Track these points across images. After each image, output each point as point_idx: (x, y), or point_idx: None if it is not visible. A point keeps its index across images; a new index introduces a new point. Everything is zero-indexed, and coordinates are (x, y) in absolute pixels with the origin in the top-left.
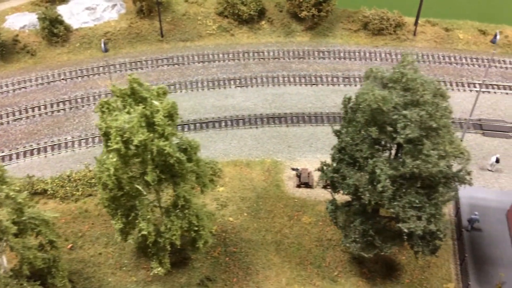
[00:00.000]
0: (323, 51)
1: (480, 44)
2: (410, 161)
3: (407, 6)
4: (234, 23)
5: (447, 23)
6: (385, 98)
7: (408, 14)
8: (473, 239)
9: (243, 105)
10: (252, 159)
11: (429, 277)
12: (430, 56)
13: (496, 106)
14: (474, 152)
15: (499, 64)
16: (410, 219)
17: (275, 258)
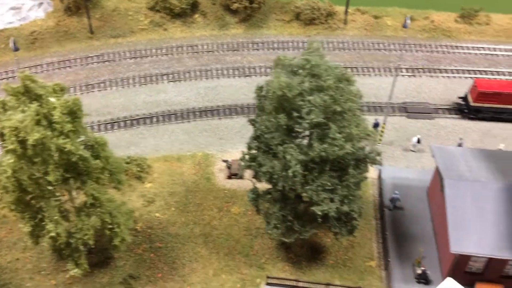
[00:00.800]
0: (257, 43)
1: (408, 30)
2: (318, 145)
3: None
4: (167, 17)
5: (376, 11)
6: (289, 85)
7: (339, 3)
8: (396, 218)
9: (175, 99)
10: (183, 154)
11: (352, 256)
12: (361, 43)
13: (420, 89)
14: (398, 134)
15: (425, 48)
16: (323, 201)
17: (203, 251)
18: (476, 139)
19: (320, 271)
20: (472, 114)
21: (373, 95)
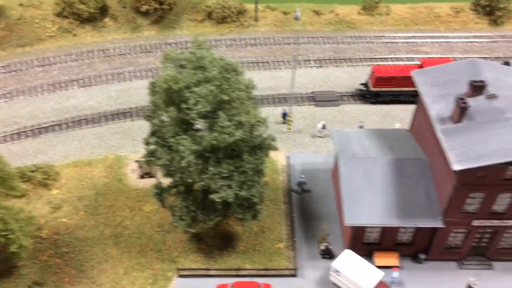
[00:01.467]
0: (171, 44)
1: (315, 24)
2: (208, 133)
3: None
4: (75, 23)
5: (285, 7)
6: (175, 78)
7: (249, 1)
8: (304, 200)
9: (86, 104)
10: (95, 157)
11: (262, 241)
12: (272, 39)
13: (327, 78)
14: (307, 122)
15: (332, 40)
16: (221, 189)
17: (113, 251)
18: (376, 121)
19: (231, 258)
20: (373, 98)
21: (283, 86)
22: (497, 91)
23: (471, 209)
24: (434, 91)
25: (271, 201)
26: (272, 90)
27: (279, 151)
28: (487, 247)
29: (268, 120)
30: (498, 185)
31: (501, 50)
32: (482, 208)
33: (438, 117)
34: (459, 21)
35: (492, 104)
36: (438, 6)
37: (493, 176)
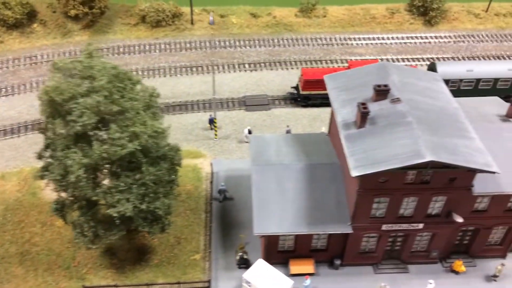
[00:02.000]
0: (102, 48)
1: (253, 27)
2: (97, 146)
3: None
4: (2, 29)
5: (222, 10)
6: (57, 89)
7: (186, 4)
8: (225, 208)
9: (5, 115)
10: (9, 170)
11: (178, 253)
12: (207, 42)
13: (260, 82)
14: (235, 127)
15: (268, 43)
16: (119, 203)
17: (18, 270)
18: (306, 125)
19: (143, 272)
20: (303, 101)
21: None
22: (402, 94)
23: (378, 213)
24: (342, 96)
25: (192, 211)
26: (203, 95)
27: (206, 157)
28: (401, 251)
29: (197, 126)
30: (401, 190)
31: (434, 51)
32: (389, 212)
33: (343, 122)
34: (394, 22)
35: (395, 108)
36: (374, 8)
37: (395, 181)
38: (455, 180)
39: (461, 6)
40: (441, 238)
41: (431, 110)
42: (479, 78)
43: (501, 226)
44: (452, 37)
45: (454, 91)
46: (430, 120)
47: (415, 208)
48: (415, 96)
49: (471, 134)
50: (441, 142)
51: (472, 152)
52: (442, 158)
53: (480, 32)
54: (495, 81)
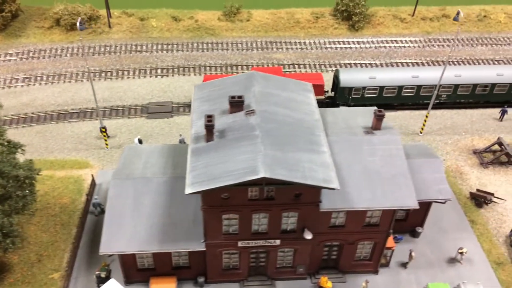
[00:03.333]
0: (11, 53)
1: (173, 31)
2: None
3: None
4: None
5: (143, 13)
6: None
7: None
8: (100, 222)
9: None
10: None
11: (36, 271)
12: (123, 46)
13: (168, 88)
14: (131, 136)
15: (186, 47)
16: None
17: None
18: None
19: None
20: None
21: (118, 98)
22: (260, 106)
23: (232, 230)
24: (204, 107)
25: (63, 225)
26: (105, 102)
27: (93, 168)
28: (266, 267)
29: (91, 134)
30: (247, 206)
31: (353, 56)
32: (242, 229)
33: (195, 135)
34: (318, 27)
35: (247, 121)
36: (299, 12)
37: (238, 197)
38: (301, 196)
39: (387, 11)
40: (303, 254)
41: (286, 123)
42: (382, 85)
43: (366, 241)
44: (375, 42)
45: (358, 98)
46: (282, 133)
47: (268, 224)
48: (274, 108)
49: (322, 148)
50: (283, 157)
51: (315, 167)
52: (276, 175)
53: (404, 37)
54: (399, 89)
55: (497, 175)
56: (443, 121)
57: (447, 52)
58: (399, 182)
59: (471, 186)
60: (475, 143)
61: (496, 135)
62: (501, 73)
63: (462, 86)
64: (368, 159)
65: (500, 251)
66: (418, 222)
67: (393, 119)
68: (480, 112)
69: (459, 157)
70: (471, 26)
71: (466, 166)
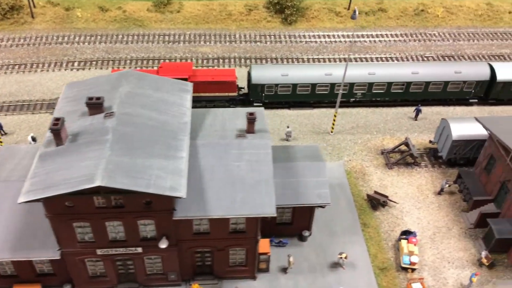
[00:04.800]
0: None
1: (99, 21)
2: None
3: None
4: None
5: (69, 2)
6: None
7: None
8: None
9: None
10: None
11: None
12: (44, 38)
13: None
14: (29, 132)
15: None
16: None
17: None
18: None
19: None
20: None
21: (26, 92)
22: (122, 107)
23: (87, 238)
24: (68, 107)
25: None
26: (12, 96)
27: None
28: (135, 274)
29: None
30: (97, 214)
31: (282, 51)
32: (98, 237)
33: (48, 138)
34: (251, 20)
35: (104, 124)
36: (232, 4)
37: (84, 205)
38: (152, 204)
39: (323, 4)
40: (170, 261)
41: (147, 126)
42: (295, 83)
43: (237, 247)
44: (306, 37)
45: (271, 96)
46: (137, 137)
47: (125, 232)
48: (138, 110)
49: (180, 153)
50: (130, 164)
51: (164, 175)
52: (115, 183)
53: (337, 31)
54: (312, 86)
55: (400, 176)
56: (357, 119)
57: (380, 48)
58: (261, 188)
59: (371, 188)
60: (385, 142)
61: (409, 134)
62: (416, 71)
63: (377, 84)
64: (233, 164)
65: (386, 256)
66: (305, 225)
67: (307, 117)
68: (396, 111)
69: (366, 157)
70: (407, 21)
71: (371, 167)
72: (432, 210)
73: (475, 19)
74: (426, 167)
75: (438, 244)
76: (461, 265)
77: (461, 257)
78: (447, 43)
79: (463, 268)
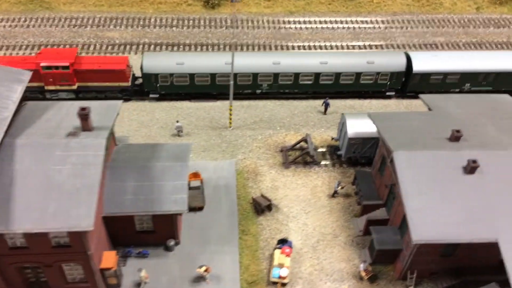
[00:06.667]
0: None
1: (2, 3)
2: None
3: None
4: None
5: None
6: None
7: None
8: None
9: None
10: None
11: None
12: None
13: None
14: None
15: (11, 22)
16: None
17: None
18: None
19: None
20: None
21: None
22: None
23: None
24: None
25: None
26: None
27: None
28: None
29: None
30: None
31: (198, 37)
32: None
33: None
34: (170, 3)
35: None
36: None
37: None
38: None
39: None
40: None
41: None
42: (192, 73)
43: (70, 263)
44: (228, 22)
45: (167, 86)
46: None
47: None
48: None
49: None
50: None
51: None
52: None
53: (263, 16)
54: (212, 77)
55: (296, 176)
56: (261, 113)
57: (305, 35)
58: (81, 197)
59: (261, 189)
60: (287, 139)
61: (316, 130)
62: (325, 61)
63: (283, 75)
64: (54, 169)
65: (259, 267)
66: (170, 234)
67: (207, 110)
68: (306, 104)
69: (263, 155)
70: (339, 6)
71: (266, 166)
72: (322, 214)
73: (413, 4)
74: (325, 167)
75: (320, 254)
76: (339, 278)
77: (342, 269)
78: (378, 30)
79: (342, 282)
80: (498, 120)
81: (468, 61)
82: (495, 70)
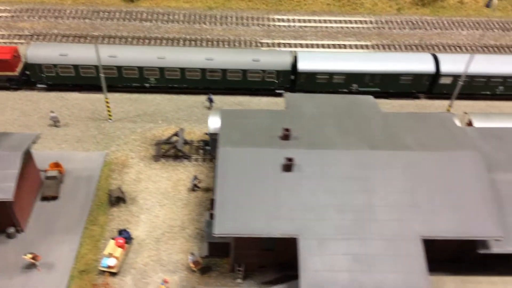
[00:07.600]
0: None
1: None
2: None
3: None
4: None
5: None
6: None
7: None
8: None
9: None
10: None
11: None
12: None
13: None
14: None
15: None
16: None
17: None
18: None
19: None
20: None
21: None
22: None
23: None
24: None
25: None
26: None
27: None
28: None
29: None
30: None
31: (109, 30)
32: None
33: None
34: None
35: None
36: None
37: None
38: None
39: None
40: None
41: None
42: (76, 64)
43: None
44: (144, 15)
45: (53, 77)
46: None
47: None
48: None
49: None
50: None
51: None
52: None
53: (180, 11)
54: (96, 69)
55: (163, 170)
56: (147, 107)
57: (217, 31)
58: None
59: (124, 181)
60: (166, 133)
61: (198, 125)
62: (211, 57)
63: (169, 69)
64: None
65: (96, 257)
66: (9, 221)
67: (93, 102)
68: (194, 99)
69: (137, 148)
70: (259, 3)
71: (136, 159)
72: (176, 207)
73: (334, 4)
74: (196, 161)
75: (161, 245)
76: (173, 269)
77: (178, 260)
78: (292, 29)
79: (174, 273)
80: (345, 121)
81: (354, 62)
82: (380, 71)
